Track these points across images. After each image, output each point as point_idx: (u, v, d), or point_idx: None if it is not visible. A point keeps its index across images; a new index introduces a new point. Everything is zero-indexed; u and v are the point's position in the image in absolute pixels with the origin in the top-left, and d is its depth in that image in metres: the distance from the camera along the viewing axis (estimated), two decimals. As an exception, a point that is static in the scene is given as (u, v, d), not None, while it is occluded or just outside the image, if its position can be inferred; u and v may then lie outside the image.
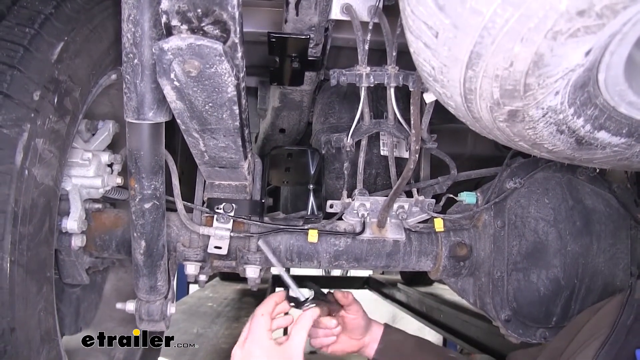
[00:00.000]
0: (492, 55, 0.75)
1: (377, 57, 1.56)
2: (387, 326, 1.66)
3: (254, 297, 4.71)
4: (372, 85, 1.46)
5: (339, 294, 1.59)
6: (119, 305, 1.55)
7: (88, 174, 1.46)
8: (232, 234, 1.58)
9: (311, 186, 1.70)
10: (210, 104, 1.06)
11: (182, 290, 6.13)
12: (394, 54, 1.44)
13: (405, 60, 1.35)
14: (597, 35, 0.70)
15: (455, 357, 1.69)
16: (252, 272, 1.62)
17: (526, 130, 0.96)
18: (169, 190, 1.49)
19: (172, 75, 0.97)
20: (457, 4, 0.72)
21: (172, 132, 1.42)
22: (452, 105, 0.98)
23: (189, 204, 1.60)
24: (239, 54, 1.00)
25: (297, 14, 1.41)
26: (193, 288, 5.82)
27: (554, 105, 0.87)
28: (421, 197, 1.65)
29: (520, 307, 1.70)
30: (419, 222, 1.70)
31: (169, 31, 0.94)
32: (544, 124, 0.93)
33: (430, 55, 0.84)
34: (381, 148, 1.80)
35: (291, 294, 1.46)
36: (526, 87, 0.80)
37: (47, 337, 1.19)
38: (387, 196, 1.59)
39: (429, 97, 1.28)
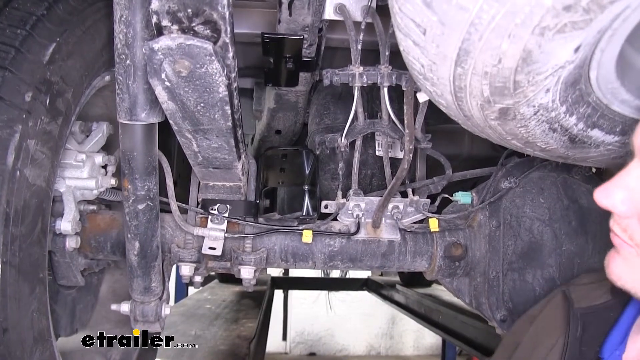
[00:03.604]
0: (480, 52, 0.75)
1: (372, 58, 1.56)
2: None
3: (252, 299, 4.70)
4: (365, 85, 1.46)
5: None
6: (113, 307, 1.55)
7: (82, 175, 1.45)
8: (226, 235, 1.58)
9: (306, 187, 1.70)
10: (202, 104, 1.06)
11: (181, 292, 6.13)
12: (387, 53, 1.44)
13: (399, 60, 1.35)
14: (585, 31, 0.69)
15: None
16: (246, 273, 1.62)
17: (518, 128, 0.96)
18: (163, 191, 1.49)
19: (163, 76, 0.97)
20: (444, 0, 0.72)
21: (167, 134, 1.42)
22: (444, 104, 0.98)
23: (183, 205, 1.60)
24: (230, 54, 1.00)
25: (290, 15, 1.41)
26: (192, 290, 5.81)
27: (545, 102, 0.87)
28: (416, 197, 1.65)
29: (516, 307, 1.70)
30: (414, 222, 1.70)
31: (159, 31, 0.94)
32: (535, 122, 0.93)
33: (419, 53, 0.83)
34: (376, 148, 1.80)
35: None
36: (516, 85, 0.80)
37: (41, 338, 1.18)
38: (382, 196, 1.59)
39: (422, 97, 1.27)
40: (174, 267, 1.69)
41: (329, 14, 1.47)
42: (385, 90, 1.47)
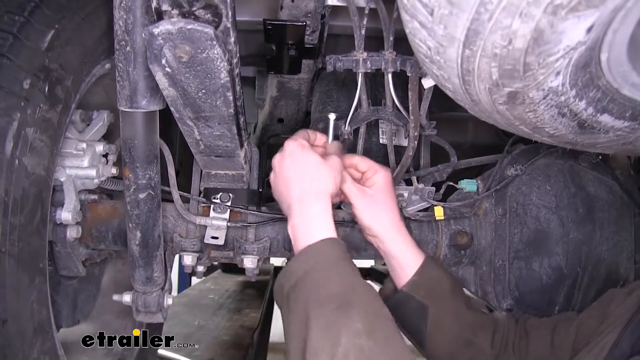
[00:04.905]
0: (489, 32, 0.72)
1: (375, 44, 1.53)
2: (428, 257, 1.43)
3: (255, 289, 4.71)
4: (369, 71, 1.43)
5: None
6: (115, 297, 1.54)
7: (82, 164, 1.44)
8: (229, 224, 1.56)
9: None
10: (203, 91, 1.04)
11: (184, 283, 6.14)
12: (391, 38, 1.41)
13: (403, 47, 1.32)
14: (599, 9, 0.67)
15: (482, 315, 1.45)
16: (250, 262, 1.60)
17: (527, 113, 0.94)
18: (165, 180, 1.48)
19: (164, 61, 0.95)
20: (453, -22, 0.69)
21: (169, 122, 1.41)
22: (450, 88, 0.95)
23: (185, 194, 1.58)
24: (232, 39, 0.98)
25: (292, 0, 1.39)
26: (195, 280, 5.83)
27: (555, 86, 0.84)
28: (421, 185, 1.63)
29: (523, 296, 1.68)
30: (419, 211, 1.68)
31: (159, 16, 0.93)
32: (545, 106, 0.91)
33: (426, 35, 0.81)
34: (380, 136, 1.78)
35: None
36: (526, 67, 0.78)
37: (41, 329, 1.17)
38: (386, 184, 1.56)
39: (427, 83, 1.25)
40: (177, 257, 1.68)
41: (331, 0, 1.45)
42: (390, 76, 1.45)
